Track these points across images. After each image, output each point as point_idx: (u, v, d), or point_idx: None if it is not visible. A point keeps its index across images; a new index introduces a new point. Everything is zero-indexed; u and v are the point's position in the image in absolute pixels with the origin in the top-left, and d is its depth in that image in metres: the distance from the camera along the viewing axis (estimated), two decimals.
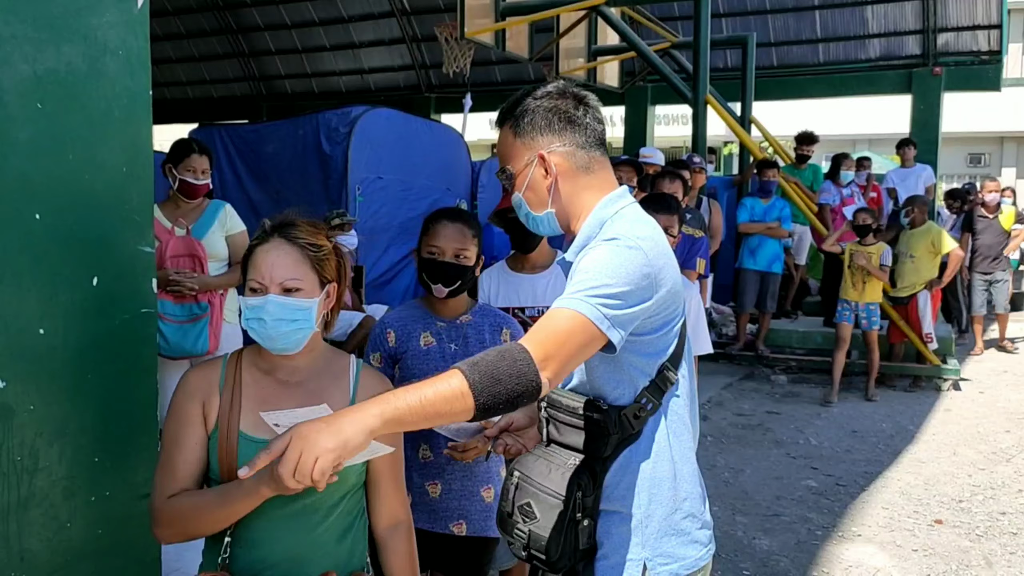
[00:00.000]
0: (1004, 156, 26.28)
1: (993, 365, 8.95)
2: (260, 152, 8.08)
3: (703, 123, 8.31)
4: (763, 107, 12.33)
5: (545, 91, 1.78)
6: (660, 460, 1.74)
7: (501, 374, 1.50)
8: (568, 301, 1.59)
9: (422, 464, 2.51)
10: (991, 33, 12.49)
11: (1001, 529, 4.63)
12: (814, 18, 13.29)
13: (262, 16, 16.55)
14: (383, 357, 2.53)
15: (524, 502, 1.74)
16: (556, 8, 8.72)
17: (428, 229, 2.50)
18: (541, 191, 1.76)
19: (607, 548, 1.74)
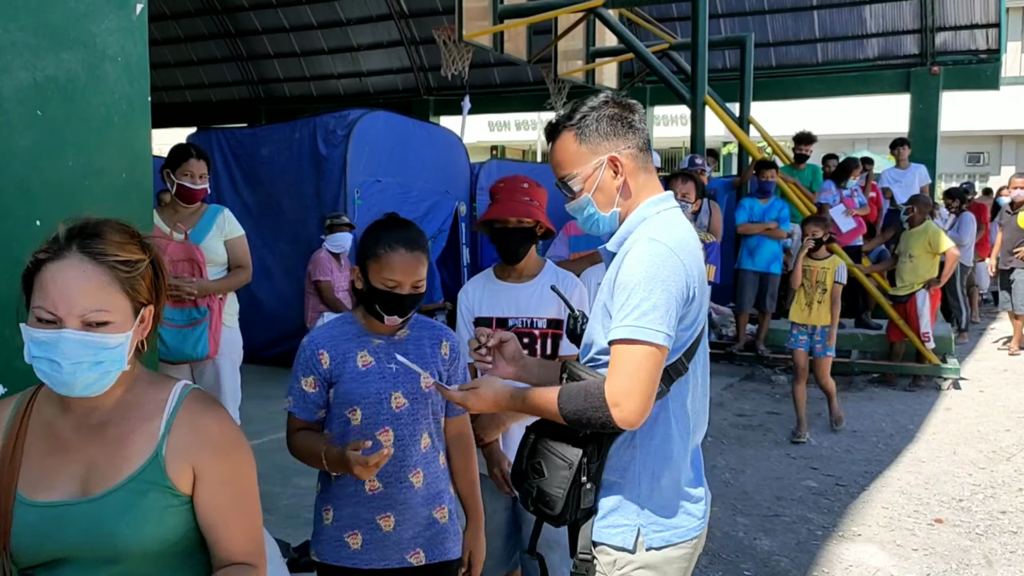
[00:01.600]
0: (1003, 154, 26.28)
1: (993, 364, 8.95)
2: (255, 156, 8.11)
3: (702, 124, 8.32)
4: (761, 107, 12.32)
5: (600, 100, 1.97)
6: (661, 439, 1.91)
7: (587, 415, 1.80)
8: (628, 331, 1.78)
9: (370, 497, 2.29)
10: (989, 32, 12.52)
11: (1001, 528, 4.64)
12: (812, 18, 13.32)
13: (260, 20, 16.59)
14: (317, 381, 2.28)
15: (536, 461, 1.93)
16: (554, 10, 8.73)
17: (379, 256, 2.22)
18: (611, 191, 1.94)
19: (606, 510, 1.93)
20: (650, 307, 1.77)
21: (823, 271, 6.21)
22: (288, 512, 4.59)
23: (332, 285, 7.24)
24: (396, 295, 2.22)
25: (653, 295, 1.77)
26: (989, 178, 24.21)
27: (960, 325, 9.99)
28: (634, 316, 1.77)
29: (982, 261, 11.23)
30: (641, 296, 1.78)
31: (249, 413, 6.02)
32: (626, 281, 1.81)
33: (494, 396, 1.94)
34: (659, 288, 1.78)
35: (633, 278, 1.80)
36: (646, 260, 1.80)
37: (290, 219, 7.92)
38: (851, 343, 8.57)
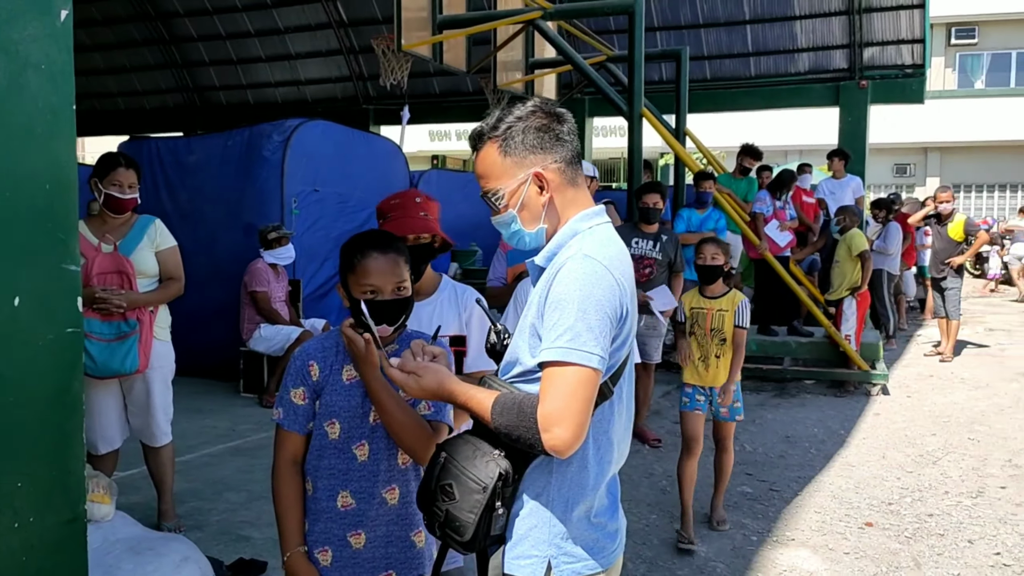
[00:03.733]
0: (928, 166, 27.17)
1: (920, 370, 9.22)
2: (188, 165, 7.98)
3: (639, 135, 8.40)
4: (697, 119, 12.57)
5: (527, 110, 1.86)
6: (578, 466, 1.82)
7: (517, 432, 1.73)
8: (561, 352, 1.69)
9: (342, 513, 2.24)
10: (914, 47, 12.94)
11: (929, 531, 4.77)
12: (745, 32, 13.60)
13: (196, 27, 16.30)
14: (306, 392, 2.25)
15: (446, 482, 1.81)
16: (492, 21, 8.75)
17: (355, 265, 2.19)
18: (536, 208, 1.85)
19: (516, 539, 1.83)
20: (584, 328, 1.69)
21: (719, 315, 4.64)
22: (220, 528, 4.50)
23: (269, 296, 7.14)
24: (378, 302, 2.17)
25: (588, 315, 1.69)
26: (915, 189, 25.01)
27: (888, 332, 10.29)
28: (567, 337, 1.69)
29: (909, 269, 11.60)
30: (575, 316, 1.69)
31: (181, 427, 5.90)
32: (558, 299, 1.72)
33: (436, 387, 1.84)
34: (593, 307, 1.70)
35: (566, 296, 1.71)
36: (580, 278, 1.72)
37: (224, 229, 7.78)
38: (784, 350, 8.76)
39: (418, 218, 2.69)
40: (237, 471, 5.43)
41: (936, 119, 24.32)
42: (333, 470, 2.24)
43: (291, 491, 2.27)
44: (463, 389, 1.83)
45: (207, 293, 7.50)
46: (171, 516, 4.38)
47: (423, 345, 1.95)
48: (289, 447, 2.28)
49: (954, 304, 9.48)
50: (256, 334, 7.12)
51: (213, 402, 7.20)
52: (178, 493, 4.70)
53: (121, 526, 3.28)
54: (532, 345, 1.80)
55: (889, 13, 12.77)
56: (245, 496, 4.94)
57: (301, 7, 15.17)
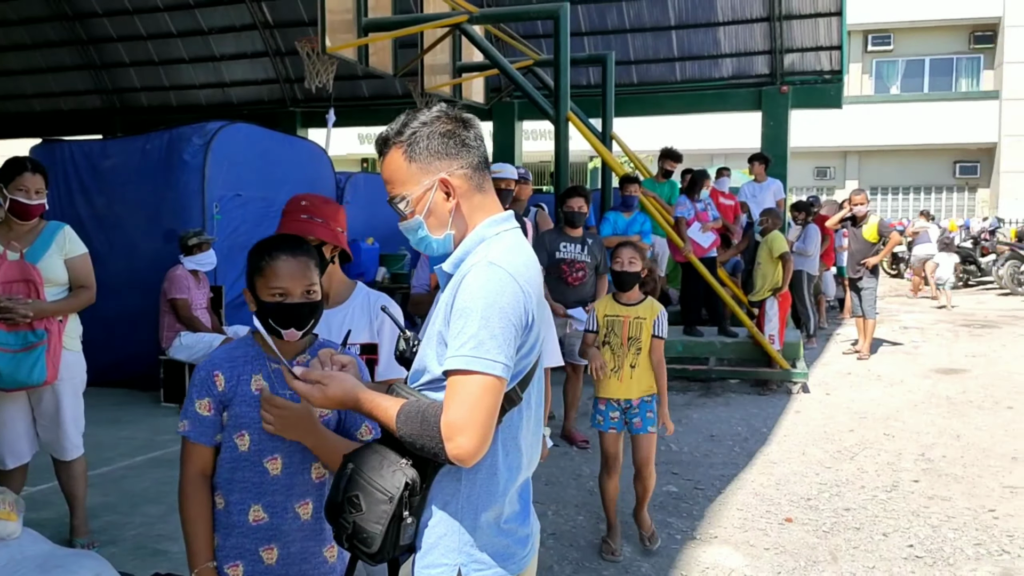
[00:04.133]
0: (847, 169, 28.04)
1: (838, 368, 9.49)
2: (104, 169, 7.77)
3: (565, 139, 8.47)
4: (624, 123, 12.71)
5: (432, 115, 1.84)
6: (487, 474, 1.81)
7: (421, 441, 1.72)
8: (465, 361, 1.68)
9: (254, 528, 2.20)
10: (832, 54, 13.33)
11: (846, 524, 4.90)
12: (671, 38, 13.83)
13: (115, 27, 15.87)
14: (212, 403, 2.20)
15: (353, 493, 1.79)
16: (418, 25, 8.73)
17: (263, 268, 2.17)
18: (442, 214, 1.84)
19: (426, 548, 1.82)
20: (488, 336, 1.68)
21: (637, 323, 4.38)
22: (135, 543, 4.37)
23: (189, 303, 6.99)
24: (286, 305, 2.14)
25: (491, 323, 1.68)
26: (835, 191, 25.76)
27: (808, 331, 10.55)
28: (471, 345, 1.68)
29: (828, 270, 11.94)
30: (479, 324, 1.68)
31: (98, 439, 5.75)
32: (463, 307, 1.72)
33: (342, 395, 1.81)
34: (497, 315, 1.69)
35: (471, 304, 1.70)
36: (485, 285, 1.71)
37: (143, 235, 7.59)
38: (709, 350, 8.92)
39: (298, 221, 2.62)
40: (156, 483, 5.29)
41: (854, 124, 25.14)
42: (245, 483, 2.20)
43: (199, 505, 2.22)
44: (369, 398, 1.81)
45: (126, 301, 7.30)
46: (84, 532, 4.24)
47: (331, 354, 1.93)
48: (196, 460, 2.23)
49: (870, 303, 9.80)
50: (176, 342, 6.95)
51: (133, 412, 7.01)
52: (92, 507, 4.55)
53: (29, 544, 3.16)
54: (439, 353, 1.79)
55: (808, 20, 13.12)
56: (164, 509, 4.81)
57: (225, 8, 14.90)
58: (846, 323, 12.35)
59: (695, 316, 9.21)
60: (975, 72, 27.67)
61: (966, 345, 10.93)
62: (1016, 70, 25.99)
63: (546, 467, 5.76)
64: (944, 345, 10.98)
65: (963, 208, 27.48)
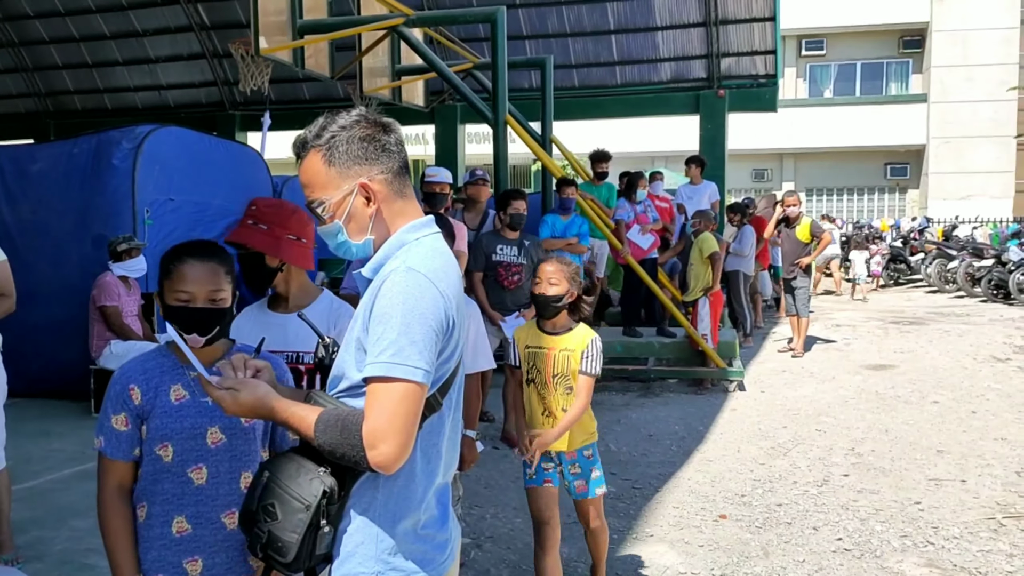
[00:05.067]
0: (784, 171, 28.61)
1: (773, 366, 9.68)
2: (29, 173, 7.55)
3: (504, 142, 8.50)
4: (566, 126, 12.81)
5: (351, 119, 1.83)
6: (405, 480, 1.81)
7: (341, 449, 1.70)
8: (384, 368, 1.68)
9: (177, 539, 2.17)
10: (767, 58, 13.59)
11: (778, 520, 5.00)
12: (611, 42, 13.96)
13: (47, 29, 15.47)
14: (129, 418, 2.17)
15: (268, 502, 1.77)
16: (354, 27, 8.67)
17: (171, 271, 2.15)
18: (363, 219, 1.82)
19: (343, 557, 1.80)
20: (408, 342, 1.67)
21: (564, 355, 3.52)
22: (62, 558, 4.27)
23: (120, 310, 6.84)
24: (189, 309, 2.11)
25: (411, 329, 1.68)
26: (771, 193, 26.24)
27: (745, 330, 10.75)
28: (391, 352, 1.67)
29: (764, 270, 12.17)
30: (398, 330, 1.68)
31: (27, 451, 5.61)
32: (382, 313, 1.70)
33: (254, 403, 1.78)
34: (417, 321, 1.69)
35: (390, 310, 1.69)
36: (403, 291, 1.70)
37: (70, 241, 7.39)
38: (648, 351, 9.03)
39: (244, 226, 2.60)
40: (85, 496, 5.15)
41: (790, 126, 25.67)
42: (167, 495, 2.18)
43: (119, 520, 2.18)
44: (284, 406, 1.78)
45: (54, 309, 7.12)
46: (8, 547, 4.12)
47: (245, 359, 1.90)
48: (114, 475, 2.19)
49: (803, 302, 10.02)
50: (107, 351, 6.79)
51: (61, 424, 6.83)
52: (18, 522, 4.43)
53: None
54: (358, 359, 1.78)
55: (744, 25, 13.36)
56: (92, 523, 4.62)
57: (160, 9, 14.62)
58: (782, 322, 12.61)
59: (635, 317, 9.31)
60: (904, 76, 28.47)
61: (895, 342, 11.24)
62: (943, 74, 26.82)
63: (484, 470, 5.77)
64: (874, 342, 11.27)
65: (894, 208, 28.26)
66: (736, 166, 23.19)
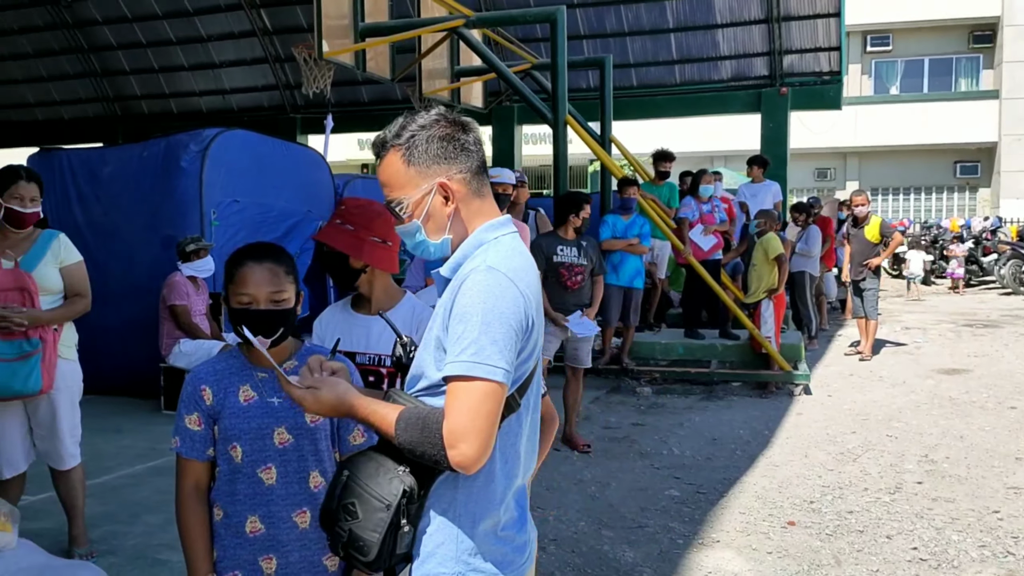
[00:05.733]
0: (848, 170, 27.99)
1: (840, 369, 9.46)
2: (102, 177, 7.75)
3: (563, 143, 8.47)
4: (624, 126, 12.70)
5: (431, 118, 1.82)
6: (484, 481, 1.79)
7: (421, 448, 1.69)
8: (465, 367, 1.66)
9: (251, 539, 2.20)
10: (831, 55, 13.31)
11: (849, 527, 4.87)
12: (670, 40, 13.81)
13: (115, 35, 15.90)
14: (202, 418, 2.21)
15: (349, 501, 1.77)
16: (415, 30, 8.73)
17: (233, 275, 2.18)
18: (441, 218, 1.82)
19: (423, 556, 1.80)
20: (488, 341, 1.66)
21: None
22: (135, 553, 4.34)
23: (189, 309, 6.97)
24: (252, 311, 2.14)
25: (492, 328, 1.67)
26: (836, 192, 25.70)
27: (810, 333, 10.53)
28: (472, 351, 1.66)
29: (829, 271, 11.91)
30: (479, 329, 1.67)
31: (98, 448, 5.73)
32: (462, 312, 1.70)
33: (335, 401, 1.79)
34: (497, 320, 1.67)
35: (470, 309, 1.68)
36: (484, 290, 1.69)
37: (140, 242, 7.56)
38: (711, 353, 8.91)
39: (330, 226, 2.61)
40: (156, 492, 5.26)
41: (854, 125, 25.10)
42: (240, 495, 2.21)
43: (196, 519, 2.23)
44: (364, 403, 1.78)
45: (124, 309, 7.29)
46: (83, 542, 4.21)
47: (321, 360, 1.90)
48: (190, 475, 2.24)
49: (872, 304, 9.77)
50: (176, 349, 6.93)
51: (132, 421, 6.98)
52: (92, 517, 4.52)
53: (24, 555, 3.14)
54: (437, 358, 1.77)
55: (807, 21, 13.10)
56: (164, 518, 4.78)
57: (224, 15, 14.91)
58: (847, 324, 12.33)
59: (696, 319, 9.19)
60: (974, 72, 27.63)
61: (968, 345, 10.90)
62: (1015, 69, 25.95)
63: (546, 472, 5.74)
64: (946, 345, 10.94)
65: (964, 208, 27.43)
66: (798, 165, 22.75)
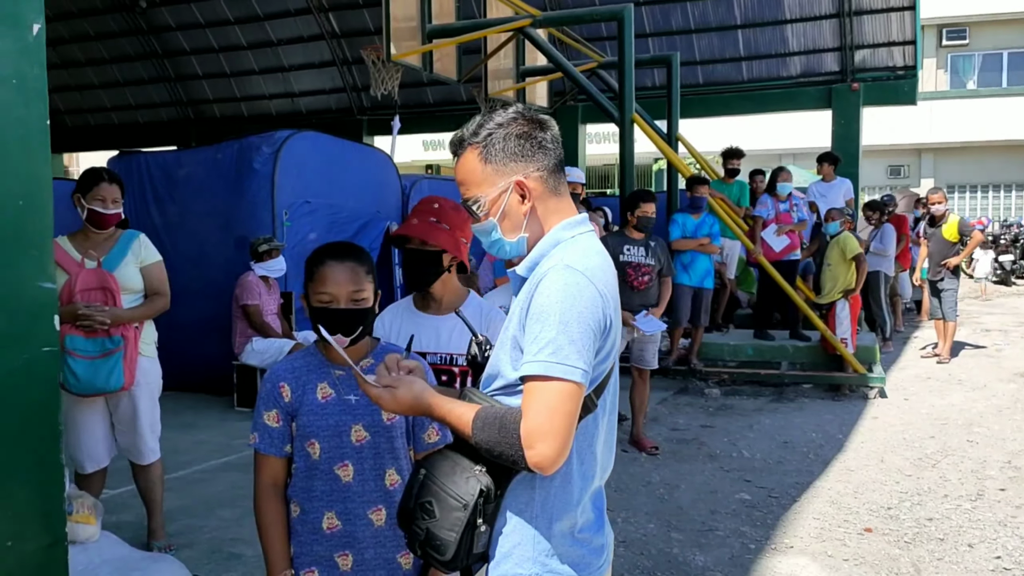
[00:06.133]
0: (923, 167, 27.18)
1: (917, 372, 9.18)
2: (178, 179, 7.95)
3: (630, 141, 8.39)
4: (690, 124, 12.54)
5: (508, 116, 1.82)
6: (562, 481, 1.78)
7: (499, 448, 1.68)
8: (543, 367, 1.65)
9: (328, 535, 2.22)
10: (906, 49, 12.94)
11: (928, 535, 4.72)
12: (737, 37, 13.60)
13: (188, 40, 16.31)
14: (280, 414, 2.23)
15: (426, 500, 1.77)
16: (482, 30, 8.75)
17: (313, 273, 2.19)
18: (517, 217, 1.81)
19: (500, 557, 1.79)
20: (566, 341, 1.64)
21: None
22: (211, 546, 4.44)
23: (261, 309, 7.10)
24: (332, 310, 2.15)
25: (570, 328, 1.65)
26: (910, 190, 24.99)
27: (884, 334, 10.24)
28: (549, 350, 1.64)
29: (904, 271, 11.58)
30: (556, 328, 1.64)
31: (174, 443, 5.87)
32: (540, 311, 1.68)
33: (412, 400, 1.78)
34: (575, 320, 1.65)
35: (548, 308, 1.66)
36: (562, 289, 1.67)
37: (214, 243, 7.74)
38: (781, 354, 8.73)
39: (427, 223, 2.60)
40: (230, 487, 5.38)
41: (929, 120, 24.37)
42: (317, 491, 2.23)
43: (274, 515, 2.25)
44: (441, 402, 1.78)
45: (198, 307, 7.46)
46: (161, 535, 4.32)
47: (398, 359, 1.90)
48: (268, 471, 2.26)
49: (951, 305, 9.46)
50: (248, 347, 7.07)
51: (206, 417, 7.15)
52: (169, 511, 4.64)
53: (107, 547, 3.23)
54: (514, 358, 1.76)
55: (880, 15, 12.77)
56: (238, 512, 4.89)
57: (294, 19, 15.17)
58: (924, 326, 11.97)
59: (769, 320, 9.02)
60: None
61: None
62: None
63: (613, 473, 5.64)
64: None
65: None
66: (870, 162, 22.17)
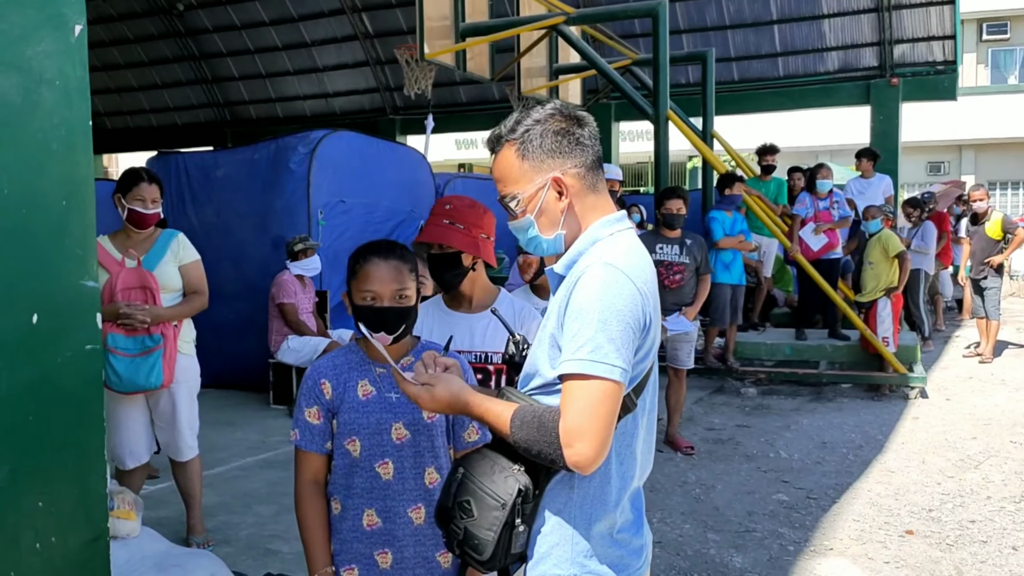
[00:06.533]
0: (963, 164, 26.72)
1: (959, 372, 9.02)
2: (215, 179, 8.04)
3: (665, 139, 8.33)
4: (725, 121, 12.43)
5: (546, 113, 1.80)
6: (600, 482, 1.76)
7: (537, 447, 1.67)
8: (581, 365, 1.63)
9: (368, 532, 2.22)
10: (945, 44, 12.71)
11: (971, 538, 4.63)
12: (773, 32, 13.45)
13: (224, 42, 16.49)
14: (321, 411, 2.23)
15: (464, 499, 1.76)
16: (515, 28, 8.73)
17: (357, 271, 2.19)
18: (554, 213, 1.79)
19: (538, 557, 1.78)
20: (605, 339, 1.62)
21: None
22: (248, 543, 4.48)
23: (296, 307, 7.15)
24: (375, 308, 2.15)
25: (609, 326, 1.63)
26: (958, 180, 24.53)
27: (924, 334, 10.07)
28: (588, 349, 1.62)
29: (945, 269, 11.38)
30: (596, 327, 1.63)
31: (212, 440, 5.93)
32: (579, 309, 1.66)
33: (450, 398, 1.77)
34: (615, 318, 1.63)
35: (587, 306, 1.65)
36: (601, 287, 1.65)
37: (251, 242, 7.82)
38: (819, 354, 8.62)
39: (440, 226, 2.61)
40: (267, 484, 5.43)
41: (970, 116, 23.91)
42: (358, 489, 2.23)
43: (314, 512, 2.25)
44: (479, 401, 1.76)
45: (235, 306, 7.54)
46: (200, 530, 4.37)
47: (435, 356, 1.90)
48: (309, 467, 2.26)
49: (994, 304, 9.29)
50: (284, 346, 7.12)
51: (243, 414, 7.22)
52: (207, 507, 4.69)
53: (147, 542, 3.27)
54: (552, 356, 1.74)
55: (919, 9, 12.55)
56: (275, 509, 4.93)
57: (328, 20, 15.27)
58: (965, 325, 11.76)
59: (810, 320, 8.91)
60: None
61: None
62: None
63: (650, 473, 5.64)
64: None
65: None
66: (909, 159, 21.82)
